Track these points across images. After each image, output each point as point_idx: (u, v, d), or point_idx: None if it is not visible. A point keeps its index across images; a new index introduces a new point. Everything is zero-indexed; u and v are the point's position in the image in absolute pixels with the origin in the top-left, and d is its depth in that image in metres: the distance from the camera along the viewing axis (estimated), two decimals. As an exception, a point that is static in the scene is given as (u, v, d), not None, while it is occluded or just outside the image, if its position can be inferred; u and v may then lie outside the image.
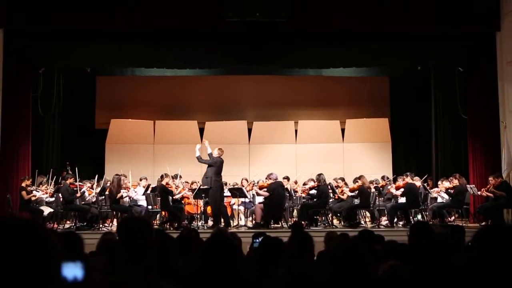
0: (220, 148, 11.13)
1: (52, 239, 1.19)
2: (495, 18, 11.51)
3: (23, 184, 10.78)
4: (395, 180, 12.40)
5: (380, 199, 11.82)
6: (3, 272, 1.11)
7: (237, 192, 11.33)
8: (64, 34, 11.37)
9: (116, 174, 10.99)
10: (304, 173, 13.05)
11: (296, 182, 12.71)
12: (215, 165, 10.85)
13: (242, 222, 11.74)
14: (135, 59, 12.13)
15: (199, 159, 11.20)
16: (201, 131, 15.19)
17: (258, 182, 12.04)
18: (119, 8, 11.05)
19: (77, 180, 11.10)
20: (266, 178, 11.47)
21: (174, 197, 11.05)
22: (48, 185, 11.71)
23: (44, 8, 10.94)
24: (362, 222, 11.56)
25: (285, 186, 11.48)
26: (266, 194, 11.01)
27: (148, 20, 11.10)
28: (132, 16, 11.08)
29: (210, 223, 11.26)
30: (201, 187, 11.07)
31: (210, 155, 11.08)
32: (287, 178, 12.05)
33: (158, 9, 11.08)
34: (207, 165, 11.09)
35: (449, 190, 11.35)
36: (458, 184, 11.23)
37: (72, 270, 1.86)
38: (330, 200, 11.64)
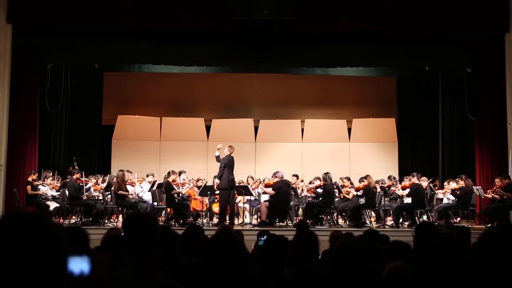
0: (230, 146, 11.07)
1: (59, 233, 1.20)
2: (504, 20, 11.45)
3: (29, 179, 10.84)
4: (401, 180, 12.36)
5: (385, 199, 11.79)
6: (12, 266, 1.11)
7: (242, 189, 11.32)
8: (72, 31, 11.37)
9: (120, 170, 11.01)
10: (308, 175, 13.01)
11: (302, 181, 12.71)
12: (227, 165, 10.82)
13: (247, 220, 11.74)
14: (143, 55, 12.12)
15: (217, 158, 10.99)
16: (208, 128, 15.22)
17: (264, 180, 12.03)
18: (127, 6, 11.04)
19: (83, 175, 11.15)
20: (272, 176, 11.46)
21: (178, 196, 11.08)
22: (53, 179, 11.76)
23: (53, 6, 10.96)
24: (367, 222, 11.54)
25: (292, 184, 11.47)
26: (272, 192, 11.00)
27: (155, 17, 11.09)
28: (140, 14, 11.06)
29: (215, 220, 11.28)
30: (207, 184, 11.06)
31: (218, 157, 11.01)
32: (296, 176, 12.03)
33: (166, 6, 11.07)
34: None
35: (455, 191, 11.30)
36: (464, 185, 11.19)
37: (78, 265, 1.87)
38: (336, 199, 11.63)
